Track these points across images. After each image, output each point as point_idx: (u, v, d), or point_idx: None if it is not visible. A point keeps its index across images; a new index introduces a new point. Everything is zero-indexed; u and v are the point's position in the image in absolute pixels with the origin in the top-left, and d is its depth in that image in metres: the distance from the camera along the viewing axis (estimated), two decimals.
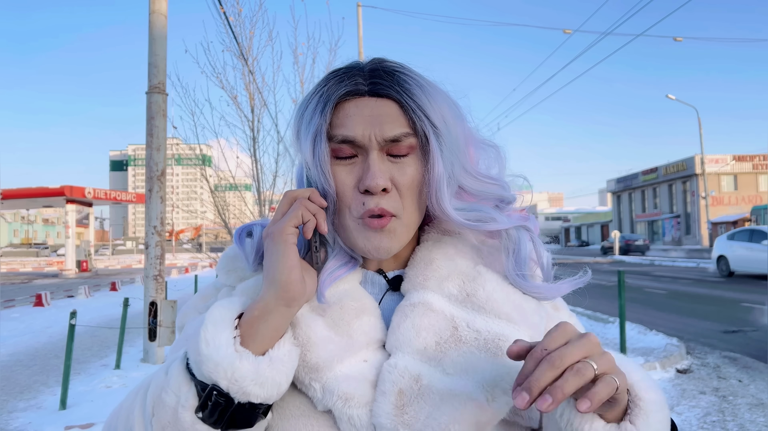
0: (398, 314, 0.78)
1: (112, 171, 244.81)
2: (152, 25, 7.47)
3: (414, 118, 0.76)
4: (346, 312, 0.77)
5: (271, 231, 0.72)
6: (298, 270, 0.71)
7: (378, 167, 0.75)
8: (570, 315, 0.89)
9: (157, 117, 7.37)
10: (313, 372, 0.73)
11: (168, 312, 7.25)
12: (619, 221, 59.91)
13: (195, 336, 0.70)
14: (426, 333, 0.75)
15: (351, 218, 0.77)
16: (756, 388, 5.87)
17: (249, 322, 0.71)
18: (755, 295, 12.95)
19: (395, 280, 0.84)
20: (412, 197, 0.78)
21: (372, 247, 0.77)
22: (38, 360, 8.33)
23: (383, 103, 0.77)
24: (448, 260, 0.82)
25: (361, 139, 0.75)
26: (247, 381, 0.67)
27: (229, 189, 9.14)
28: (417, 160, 0.78)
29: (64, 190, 28.22)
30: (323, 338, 0.74)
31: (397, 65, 0.80)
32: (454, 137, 0.79)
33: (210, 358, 0.67)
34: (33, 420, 5.43)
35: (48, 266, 37.81)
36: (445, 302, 0.78)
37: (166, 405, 0.70)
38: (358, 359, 0.75)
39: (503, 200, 0.85)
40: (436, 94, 0.79)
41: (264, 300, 0.71)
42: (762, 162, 47.25)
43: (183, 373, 0.71)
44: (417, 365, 0.73)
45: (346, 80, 0.78)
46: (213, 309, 0.71)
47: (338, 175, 0.77)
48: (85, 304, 14.87)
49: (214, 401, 0.68)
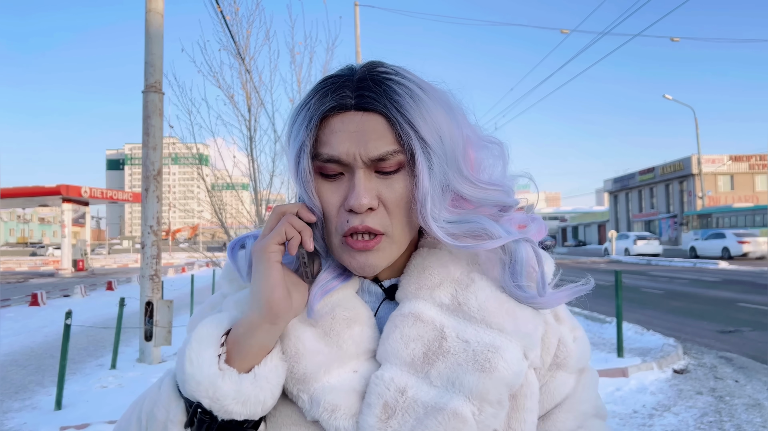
0: (389, 325, 0.76)
1: (109, 170, 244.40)
2: (149, 23, 7.45)
3: (401, 134, 0.73)
4: (337, 322, 0.75)
5: (256, 249, 0.73)
6: (280, 289, 0.71)
7: (363, 186, 0.73)
8: (573, 327, 0.86)
9: (153, 116, 7.35)
10: (301, 383, 0.72)
11: (164, 312, 7.23)
12: (616, 221, 60.02)
13: (181, 354, 0.71)
14: (414, 344, 0.73)
15: (336, 237, 0.76)
16: (752, 389, 5.88)
17: (235, 340, 0.71)
18: (751, 295, 13.00)
19: (391, 289, 0.82)
20: (401, 214, 0.75)
21: (357, 266, 0.75)
22: (33, 359, 8.29)
23: (369, 117, 0.73)
24: (442, 267, 0.79)
25: (346, 158, 0.73)
26: (228, 400, 0.68)
27: (226, 188, 9.12)
28: (406, 176, 0.75)
29: (61, 188, 28.15)
30: (311, 350, 0.73)
31: (390, 72, 0.76)
32: (448, 146, 0.75)
33: (193, 377, 0.68)
34: (28, 421, 5.41)
35: (44, 265, 37.71)
36: (436, 311, 0.76)
37: (158, 420, 0.72)
38: (348, 369, 0.74)
39: (505, 206, 0.81)
40: (429, 102, 0.75)
41: (249, 318, 0.71)
42: (758, 162, 47.38)
43: (172, 389, 0.72)
44: (404, 377, 0.72)
45: (331, 94, 0.74)
46: (200, 327, 0.72)
47: (324, 193, 0.75)
48: (81, 304, 14.83)
49: (199, 418, 0.69)
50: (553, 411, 0.83)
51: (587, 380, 0.86)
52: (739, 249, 24.64)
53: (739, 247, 24.63)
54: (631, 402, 5.55)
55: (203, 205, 10.16)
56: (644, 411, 5.28)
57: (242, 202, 9.19)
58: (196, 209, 13.62)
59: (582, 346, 0.85)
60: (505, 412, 0.73)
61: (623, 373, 6.32)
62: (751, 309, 11.03)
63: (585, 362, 0.86)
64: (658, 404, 5.47)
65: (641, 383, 6.10)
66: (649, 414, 5.18)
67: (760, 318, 9.88)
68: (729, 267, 21.57)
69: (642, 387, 6.00)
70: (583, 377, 0.85)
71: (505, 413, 0.73)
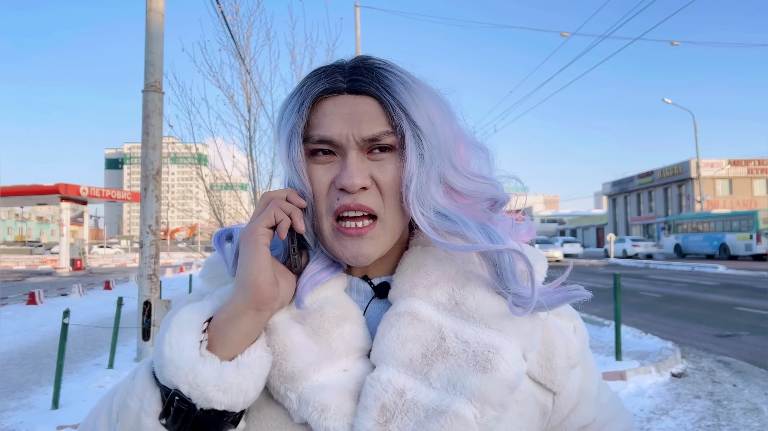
0: (383, 324, 0.73)
1: (108, 169, 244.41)
2: (149, 23, 7.44)
3: (393, 116, 0.72)
4: (326, 319, 0.73)
5: (243, 233, 0.71)
6: (268, 272, 0.68)
7: (356, 166, 0.71)
8: (572, 317, 0.83)
9: (153, 115, 7.34)
10: (289, 381, 0.69)
11: (162, 312, 7.22)
12: (615, 224, 60.01)
13: (160, 340, 0.68)
14: (412, 345, 0.71)
15: (327, 220, 0.74)
16: (750, 393, 5.87)
17: (217, 326, 0.69)
18: (749, 299, 13.00)
19: (381, 287, 0.80)
20: (394, 197, 0.74)
21: (350, 255, 0.73)
22: (30, 359, 8.27)
23: (362, 100, 0.73)
24: (438, 265, 0.77)
25: (338, 138, 0.72)
26: (209, 387, 0.65)
27: (225, 188, 9.11)
28: (399, 159, 0.74)
29: (59, 187, 28.11)
30: (300, 346, 0.71)
31: (380, 62, 0.76)
32: (440, 135, 0.75)
33: (172, 361, 0.65)
34: (25, 420, 5.39)
35: (42, 264, 37.64)
36: (433, 310, 0.74)
37: (130, 410, 0.69)
38: (337, 368, 0.71)
39: (497, 201, 0.80)
40: (420, 91, 0.75)
41: (233, 303, 0.69)
42: (757, 166, 47.42)
43: (148, 378, 0.70)
44: (402, 378, 0.69)
45: (324, 78, 0.75)
46: (181, 312, 0.70)
47: (314, 173, 0.74)
48: (78, 303, 14.79)
49: (176, 407, 0.66)
50: (574, 408, 0.81)
51: (590, 365, 0.84)
52: (634, 250, 36.77)
53: (634, 249, 36.82)
54: (629, 405, 5.54)
55: (202, 204, 10.15)
56: (642, 414, 5.28)
57: (241, 202, 9.19)
58: (195, 209, 13.61)
59: (582, 335, 0.83)
60: (508, 415, 0.71)
61: (621, 376, 6.32)
62: (749, 313, 11.03)
63: (586, 348, 0.84)
64: (656, 408, 5.46)
65: (639, 387, 6.09)
66: (647, 418, 5.17)
67: (758, 323, 9.88)
68: (727, 271, 21.65)
69: (640, 390, 5.99)
70: (585, 362, 0.83)
71: (507, 416, 0.71)
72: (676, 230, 36.18)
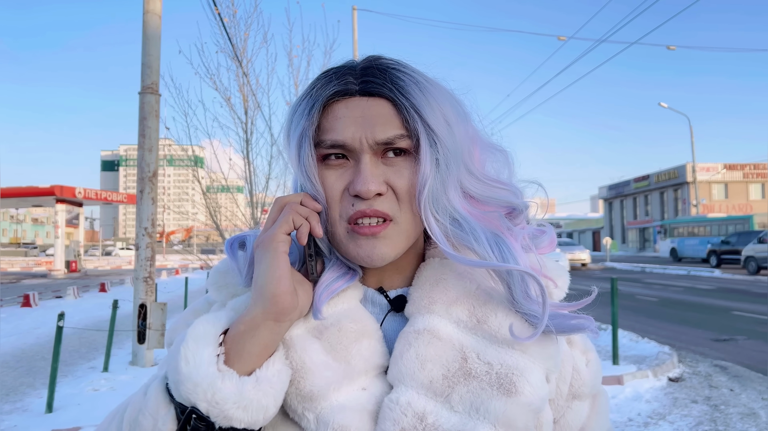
0: (401, 342, 0.70)
1: (103, 171, 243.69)
2: (146, 25, 7.42)
3: (408, 118, 0.70)
4: (344, 334, 0.70)
5: (261, 240, 0.67)
6: (288, 281, 0.66)
7: (370, 171, 0.69)
8: (585, 350, 0.81)
9: (149, 117, 7.31)
10: (307, 401, 0.66)
11: (157, 315, 7.17)
12: (611, 228, 60.16)
13: (175, 354, 0.64)
14: (432, 365, 0.67)
15: (341, 224, 0.71)
16: (747, 397, 5.87)
17: (234, 338, 0.65)
18: (746, 304, 13.02)
19: (397, 301, 0.77)
20: (411, 202, 0.71)
21: (365, 254, 0.70)
22: (25, 361, 8.21)
23: (375, 102, 0.71)
24: (457, 280, 0.74)
25: (351, 142, 0.69)
26: (229, 404, 0.62)
27: (221, 190, 9.09)
28: (414, 163, 0.71)
29: (54, 189, 28.02)
30: (319, 363, 0.68)
31: (393, 62, 0.74)
32: (456, 137, 0.72)
33: (189, 378, 0.62)
34: (18, 423, 5.34)
35: (36, 266, 37.48)
36: (454, 329, 0.70)
37: (143, 428, 0.65)
38: (356, 387, 0.68)
39: (515, 208, 0.77)
40: (435, 92, 0.72)
41: (251, 314, 0.66)
42: (752, 171, 47.62)
43: (162, 394, 0.66)
44: (421, 401, 0.66)
45: (335, 80, 0.72)
46: (196, 324, 0.66)
47: (327, 179, 0.71)
48: (73, 305, 14.72)
49: (193, 425, 0.63)
50: None
51: (600, 406, 0.82)
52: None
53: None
54: (626, 410, 5.53)
55: (198, 207, 10.12)
56: (639, 419, 5.27)
57: (237, 204, 9.17)
58: (191, 211, 13.57)
59: (594, 369, 0.81)
60: None
61: (618, 381, 6.31)
62: (746, 317, 11.04)
63: (598, 386, 0.82)
64: (653, 412, 5.45)
65: (636, 391, 6.08)
66: (644, 423, 5.16)
67: (755, 327, 9.89)
68: (723, 275, 21.71)
69: (637, 395, 5.98)
70: (596, 402, 0.81)
71: None
72: (672, 234, 36.19)
